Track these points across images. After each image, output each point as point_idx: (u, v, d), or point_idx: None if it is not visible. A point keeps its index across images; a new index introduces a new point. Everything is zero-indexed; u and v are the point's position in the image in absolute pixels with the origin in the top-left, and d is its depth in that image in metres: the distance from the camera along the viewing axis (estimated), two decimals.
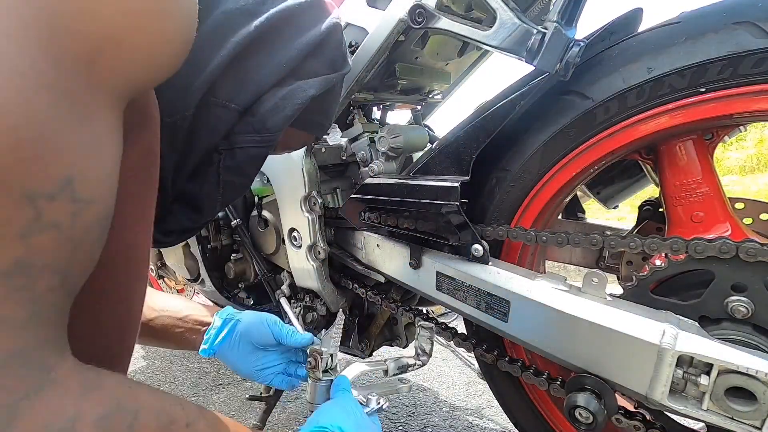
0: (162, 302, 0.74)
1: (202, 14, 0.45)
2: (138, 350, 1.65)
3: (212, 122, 0.51)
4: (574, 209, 0.96)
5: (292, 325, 0.74)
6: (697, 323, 0.53)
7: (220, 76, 0.49)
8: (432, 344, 0.69)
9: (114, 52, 0.29)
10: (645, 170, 0.81)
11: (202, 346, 0.70)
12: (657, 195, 0.78)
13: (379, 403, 0.62)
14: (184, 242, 1.14)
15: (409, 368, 0.68)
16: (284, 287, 0.99)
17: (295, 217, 0.88)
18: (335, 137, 0.91)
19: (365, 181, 0.77)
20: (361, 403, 0.61)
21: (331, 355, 0.65)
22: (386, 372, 0.67)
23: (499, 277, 0.63)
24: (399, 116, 1.60)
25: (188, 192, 0.56)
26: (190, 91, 0.48)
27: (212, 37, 0.49)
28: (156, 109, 0.40)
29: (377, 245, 0.82)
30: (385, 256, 0.81)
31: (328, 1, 0.60)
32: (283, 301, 0.97)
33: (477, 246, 0.64)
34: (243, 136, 0.54)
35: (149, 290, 0.77)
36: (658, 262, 0.61)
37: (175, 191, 0.55)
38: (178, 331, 0.72)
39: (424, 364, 0.69)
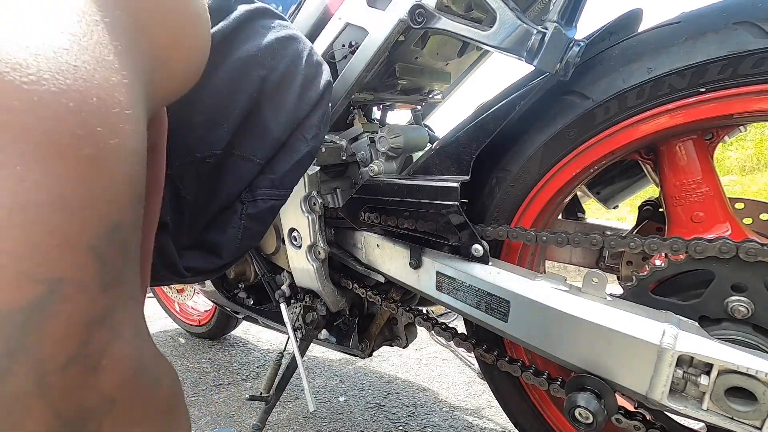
0: None
1: (220, 56, 0.51)
2: None
3: (239, 173, 0.57)
4: (574, 209, 0.96)
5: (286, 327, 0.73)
6: (697, 323, 0.53)
7: (239, 127, 0.54)
8: None
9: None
10: (645, 170, 0.81)
11: None
12: (657, 195, 0.78)
13: None
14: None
15: None
16: (284, 287, 0.99)
17: (295, 217, 0.88)
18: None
19: (365, 181, 0.77)
20: None
21: None
22: None
23: (499, 277, 0.63)
24: (399, 116, 1.61)
25: (208, 239, 0.61)
26: (220, 133, 0.52)
27: (232, 82, 0.53)
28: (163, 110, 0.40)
29: (377, 245, 0.82)
30: (385, 256, 0.81)
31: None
32: (282, 307, 0.97)
33: (477, 246, 0.64)
34: (264, 189, 0.61)
35: None
36: (658, 262, 0.61)
37: (192, 237, 0.58)
38: None
39: None
